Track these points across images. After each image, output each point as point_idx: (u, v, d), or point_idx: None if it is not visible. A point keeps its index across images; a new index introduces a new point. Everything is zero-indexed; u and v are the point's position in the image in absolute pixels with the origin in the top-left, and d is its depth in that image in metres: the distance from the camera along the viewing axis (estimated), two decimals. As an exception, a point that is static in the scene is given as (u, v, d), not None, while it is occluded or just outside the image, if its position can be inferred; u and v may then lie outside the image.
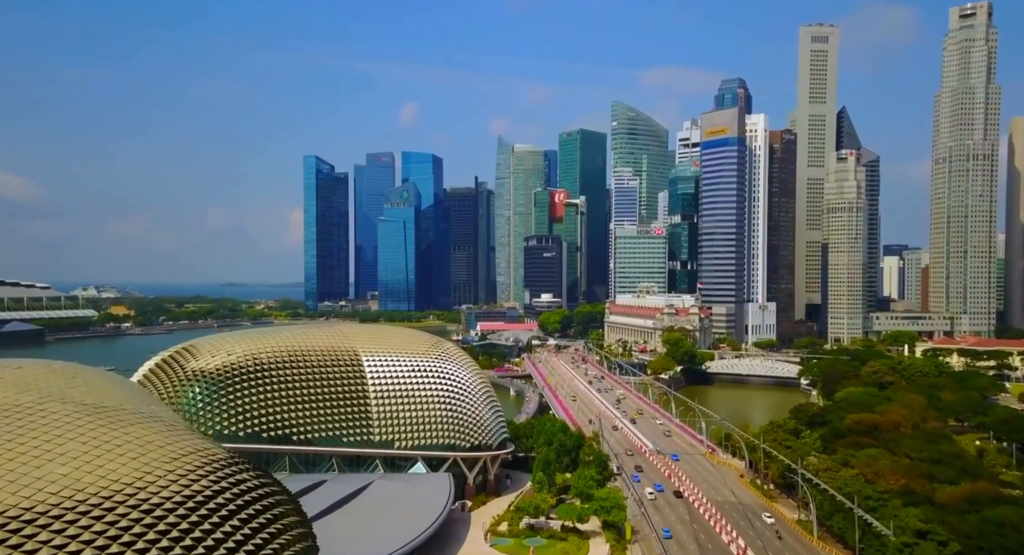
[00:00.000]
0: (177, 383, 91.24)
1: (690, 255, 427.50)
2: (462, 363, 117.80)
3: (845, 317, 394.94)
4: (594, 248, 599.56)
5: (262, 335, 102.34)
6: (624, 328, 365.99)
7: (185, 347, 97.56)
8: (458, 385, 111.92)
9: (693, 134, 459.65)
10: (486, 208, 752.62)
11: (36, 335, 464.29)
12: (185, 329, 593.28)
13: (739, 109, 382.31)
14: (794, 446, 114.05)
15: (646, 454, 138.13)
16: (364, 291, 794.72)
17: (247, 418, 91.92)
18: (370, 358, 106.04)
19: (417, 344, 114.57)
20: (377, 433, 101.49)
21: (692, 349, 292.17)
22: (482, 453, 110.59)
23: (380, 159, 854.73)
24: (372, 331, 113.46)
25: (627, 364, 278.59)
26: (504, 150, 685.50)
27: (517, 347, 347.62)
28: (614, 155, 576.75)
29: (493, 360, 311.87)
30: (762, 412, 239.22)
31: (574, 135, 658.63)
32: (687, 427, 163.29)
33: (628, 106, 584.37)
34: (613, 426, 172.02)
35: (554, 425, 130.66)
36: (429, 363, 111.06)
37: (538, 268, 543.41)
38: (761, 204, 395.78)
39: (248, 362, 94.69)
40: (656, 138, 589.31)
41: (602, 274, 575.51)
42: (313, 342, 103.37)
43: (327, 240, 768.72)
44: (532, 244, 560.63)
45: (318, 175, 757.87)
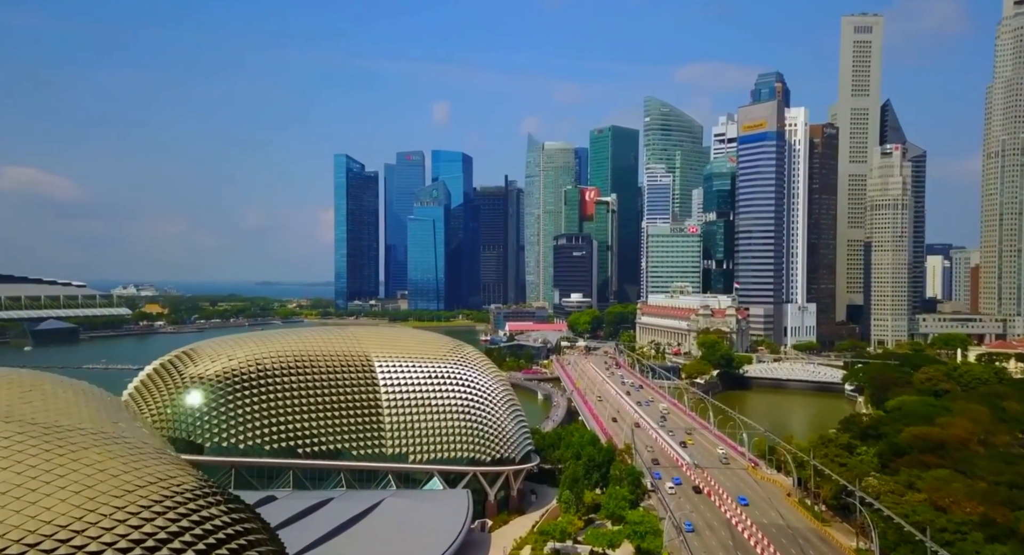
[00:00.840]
0: (174, 390, 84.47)
1: (726, 254, 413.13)
2: (483, 369, 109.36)
3: (889, 319, 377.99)
4: (625, 247, 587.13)
5: (268, 338, 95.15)
6: (657, 329, 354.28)
7: (185, 351, 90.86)
8: (479, 393, 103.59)
9: (729, 129, 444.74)
10: (516, 207, 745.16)
11: (70, 333, 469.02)
12: (217, 328, 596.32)
13: (778, 102, 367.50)
14: (849, 463, 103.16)
15: (683, 468, 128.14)
16: (394, 290, 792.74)
17: (248, 429, 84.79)
18: (383, 363, 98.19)
19: (434, 348, 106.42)
20: (390, 446, 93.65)
21: (729, 352, 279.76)
22: (504, 467, 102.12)
23: (410, 158, 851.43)
24: (386, 334, 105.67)
25: (660, 367, 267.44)
26: (534, 148, 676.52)
27: (545, 348, 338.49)
28: (647, 152, 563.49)
29: (521, 362, 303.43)
30: (804, 420, 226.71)
31: (605, 132, 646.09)
32: (726, 437, 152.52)
33: (661, 101, 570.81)
34: (635, 423, 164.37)
35: (583, 436, 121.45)
36: (447, 369, 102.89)
37: (568, 267, 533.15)
38: (801, 201, 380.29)
39: (250, 368, 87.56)
40: (690, 134, 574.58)
41: (633, 274, 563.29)
42: (322, 346, 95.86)
43: (357, 239, 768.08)
44: (562, 243, 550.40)
45: (348, 174, 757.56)
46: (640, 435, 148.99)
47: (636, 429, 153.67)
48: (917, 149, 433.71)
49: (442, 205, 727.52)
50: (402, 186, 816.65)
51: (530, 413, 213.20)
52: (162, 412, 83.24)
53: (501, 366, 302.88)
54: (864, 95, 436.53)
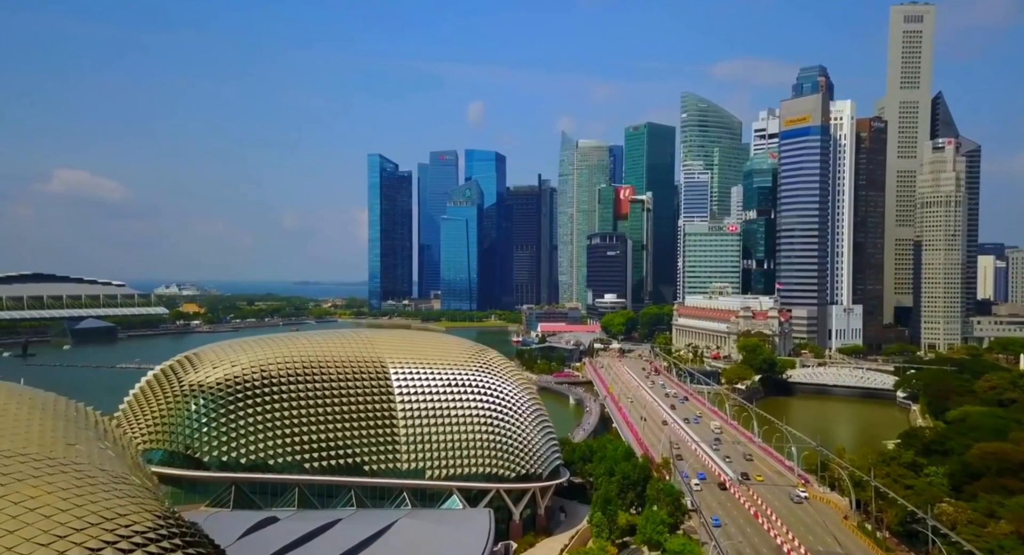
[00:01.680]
0: (171, 399, 78.19)
1: (767, 253, 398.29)
2: (508, 376, 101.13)
3: (941, 321, 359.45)
4: (661, 246, 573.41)
5: (276, 342, 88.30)
6: (694, 332, 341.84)
7: (188, 355, 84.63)
8: (503, 402, 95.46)
9: (770, 124, 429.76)
10: (549, 206, 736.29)
11: (109, 332, 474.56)
12: (252, 327, 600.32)
13: (822, 95, 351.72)
14: (916, 486, 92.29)
15: (725, 482, 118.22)
16: (427, 290, 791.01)
17: (251, 442, 78.08)
18: (399, 370, 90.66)
19: (455, 353, 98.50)
20: (405, 460, 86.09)
21: (771, 356, 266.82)
22: (531, 484, 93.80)
23: (443, 157, 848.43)
24: (403, 338, 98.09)
25: (698, 372, 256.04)
26: (568, 146, 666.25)
27: (578, 350, 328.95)
28: (683, 148, 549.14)
29: (552, 364, 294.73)
30: (854, 429, 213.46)
31: (641, 129, 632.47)
32: (771, 449, 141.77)
33: (699, 97, 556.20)
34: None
35: (617, 449, 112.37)
36: (468, 376, 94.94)
37: (602, 267, 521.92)
38: (846, 198, 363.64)
39: (254, 375, 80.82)
40: (728, 130, 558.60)
41: (669, 274, 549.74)
42: (333, 351, 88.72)
43: (391, 239, 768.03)
44: (596, 242, 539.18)
45: (382, 174, 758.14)
46: (687, 454, 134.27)
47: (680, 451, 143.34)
48: (971, 143, 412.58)
49: (475, 205, 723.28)
50: (435, 186, 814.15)
51: (561, 419, 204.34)
52: (158, 423, 77.03)
53: (532, 368, 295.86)
54: (914, 87, 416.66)
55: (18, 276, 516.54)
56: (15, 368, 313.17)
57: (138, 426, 77.99)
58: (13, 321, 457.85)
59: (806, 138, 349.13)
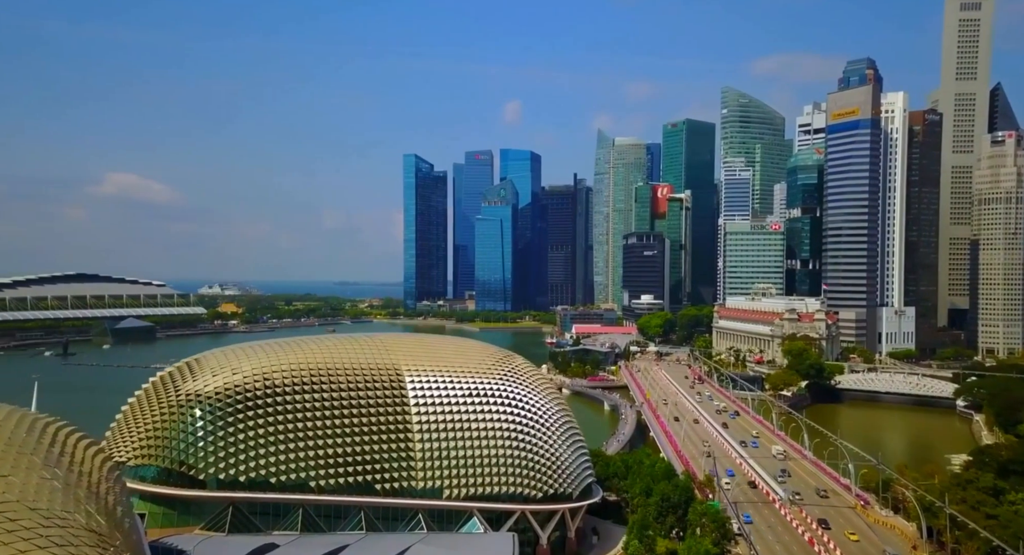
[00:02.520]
0: (166, 410, 71.89)
1: (812, 253, 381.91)
2: (535, 385, 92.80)
3: (1000, 324, 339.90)
4: (700, 246, 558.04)
5: (282, 348, 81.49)
6: (735, 335, 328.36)
7: (189, 362, 78.46)
8: (530, 414, 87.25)
9: (816, 119, 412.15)
10: (584, 206, 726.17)
11: (148, 331, 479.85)
12: (288, 327, 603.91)
13: (872, 87, 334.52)
14: (1001, 516, 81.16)
15: (774, 503, 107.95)
16: (462, 291, 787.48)
17: (251, 458, 71.33)
18: (415, 378, 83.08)
19: (477, 360, 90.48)
20: (421, 478, 78.50)
21: (819, 361, 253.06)
22: (560, 505, 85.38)
23: (479, 157, 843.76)
24: (421, 343, 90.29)
25: (740, 377, 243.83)
26: (604, 144, 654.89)
27: (613, 353, 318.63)
28: (724, 145, 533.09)
29: (587, 367, 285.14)
30: (910, 441, 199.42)
31: (679, 126, 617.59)
32: (823, 464, 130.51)
33: (740, 92, 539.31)
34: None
35: (655, 465, 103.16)
36: (492, 385, 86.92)
37: (638, 267, 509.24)
38: (898, 195, 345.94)
39: (256, 383, 74.12)
40: (771, 126, 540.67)
41: (708, 274, 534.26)
42: (344, 358, 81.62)
43: (426, 239, 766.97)
44: (632, 242, 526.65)
45: (418, 174, 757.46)
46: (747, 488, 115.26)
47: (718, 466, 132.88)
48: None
49: (510, 204, 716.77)
50: (470, 186, 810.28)
51: (594, 426, 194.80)
52: (152, 437, 70.77)
53: (566, 371, 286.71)
54: (971, 79, 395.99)
55: (63, 276, 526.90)
56: (55, 367, 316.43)
57: (130, 440, 71.98)
58: (57, 320, 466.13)
59: (855, 132, 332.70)
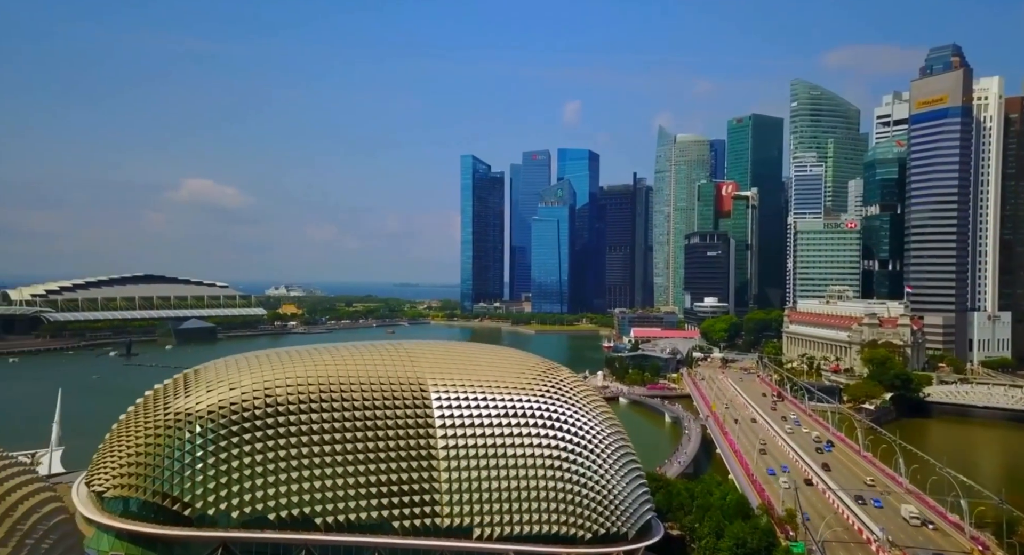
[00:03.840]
0: (151, 432, 62.36)
1: (892, 253, 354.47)
2: (584, 402, 79.92)
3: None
4: (767, 246, 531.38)
5: (291, 359, 71.14)
6: (808, 340, 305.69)
7: (187, 373, 69.09)
8: (578, 438, 74.57)
9: (896, 110, 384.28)
10: (644, 205, 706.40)
11: (209, 332, 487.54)
12: (346, 328, 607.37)
13: (963, 72, 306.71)
14: None
15: (869, 544, 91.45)
16: (518, 292, 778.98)
17: (246, 489, 61.02)
18: (443, 395, 71.57)
19: (516, 372, 78.17)
20: (447, 514, 66.91)
21: (904, 370, 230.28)
22: (613, 547, 72.42)
23: (536, 157, 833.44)
24: (452, 352, 77.80)
25: (815, 387, 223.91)
26: (665, 141, 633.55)
27: (675, 359, 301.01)
28: (794, 140, 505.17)
29: (646, 374, 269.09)
30: (1016, 463, 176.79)
31: (745, 121, 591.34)
32: (926, 497, 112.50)
33: (810, 84, 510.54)
34: (806, 480, 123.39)
35: (725, 496, 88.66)
36: (533, 402, 74.62)
37: (701, 268, 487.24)
38: (992, 189, 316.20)
39: (256, 401, 63.96)
40: (844, 119, 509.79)
41: (776, 276, 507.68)
42: (360, 371, 70.80)
43: (482, 241, 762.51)
44: (695, 242, 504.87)
45: (475, 175, 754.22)
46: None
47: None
48: None
49: (567, 205, 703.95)
50: (527, 186, 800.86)
51: (653, 441, 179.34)
52: (132, 464, 61.29)
53: (623, 378, 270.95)
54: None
55: (132, 277, 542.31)
56: (116, 367, 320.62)
57: (110, 467, 62.87)
58: (124, 321, 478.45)
59: (943, 121, 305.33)
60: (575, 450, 74.13)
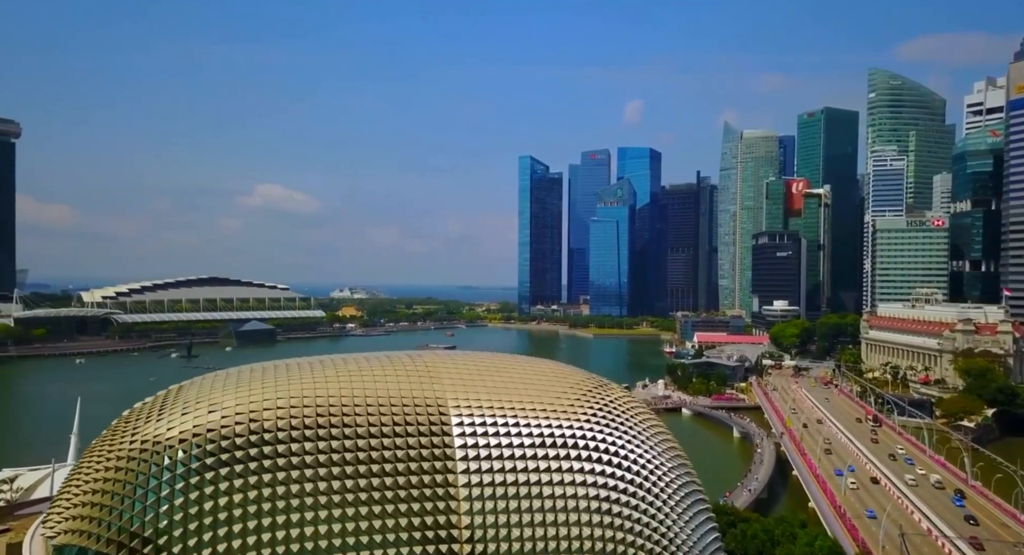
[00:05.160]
0: (112, 465, 52.31)
1: (985, 252, 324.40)
2: (640, 429, 66.28)
3: None
4: (840, 246, 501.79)
5: (288, 374, 59.97)
6: (891, 348, 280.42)
7: (165, 393, 59.22)
8: (632, 473, 61.17)
9: (989, 97, 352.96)
10: (708, 205, 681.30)
11: (269, 334, 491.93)
12: (404, 331, 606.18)
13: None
14: None
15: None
16: (576, 295, 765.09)
17: (222, 537, 50.25)
18: (467, 420, 59.34)
19: (557, 392, 65.17)
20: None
21: (1007, 383, 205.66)
22: (673, 609, 58.79)
23: (595, 157, 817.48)
24: (479, 367, 64.73)
25: (902, 400, 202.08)
26: (731, 138, 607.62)
27: (743, 367, 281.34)
28: (871, 133, 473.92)
29: (711, 383, 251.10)
30: None
31: (817, 115, 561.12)
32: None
33: (890, 73, 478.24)
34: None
35: (812, 541, 73.34)
36: (577, 429, 61.60)
37: (770, 270, 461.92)
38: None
39: (239, 427, 53.16)
40: (927, 110, 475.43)
41: (850, 277, 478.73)
42: (369, 389, 59.30)
43: (540, 243, 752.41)
44: (763, 242, 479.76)
45: (532, 176, 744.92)
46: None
47: None
48: None
49: (627, 205, 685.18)
50: (586, 187, 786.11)
51: (720, 460, 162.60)
52: (87, 503, 51.39)
53: (687, 388, 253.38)
54: None
55: (197, 280, 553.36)
56: (175, 369, 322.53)
57: (65, 506, 53.19)
58: (188, 322, 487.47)
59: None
60: (628, 489, 60.58)
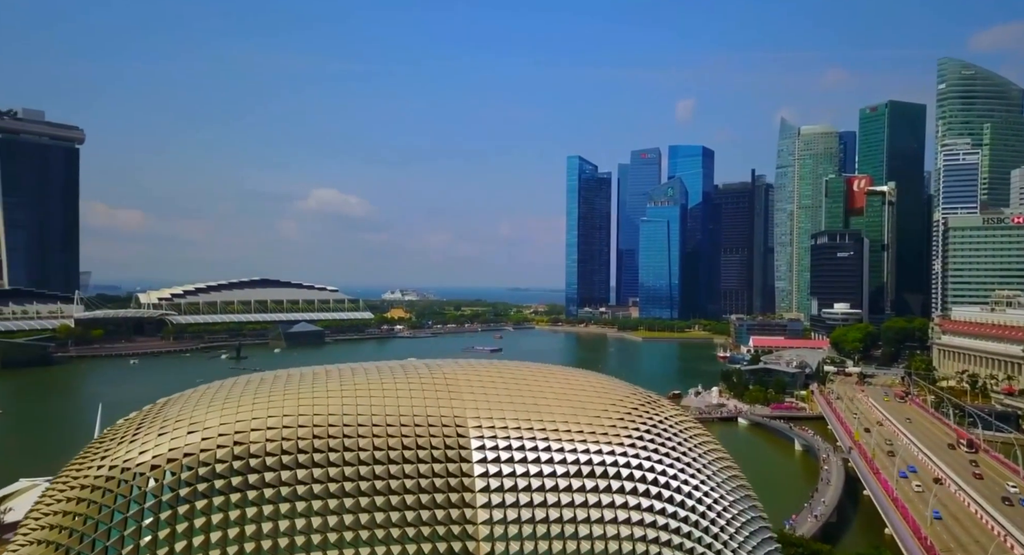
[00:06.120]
0: (76, 495, 45.37)
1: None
2: (695, 453, 56.52)
3: None
4: (905, 246, 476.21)
5: (282, 388, 51.94)
6: (968, 354, 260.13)
7: (148, 409, 52.28)
8: (687, 510, 51.74)
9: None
10: (763, 204, 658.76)
11: (317, 336, 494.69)
12: (451, 333, 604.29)
13: None
14: None
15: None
16: (626, 297, 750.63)
17: (198, 577, 43.03)
18: (488, 443, 50.72)
19: (598, 409, 55.83)
20: (487, 622, 46.23)
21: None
22: None
23: (645, 156, 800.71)
24: (506, 379, 54.82)
25: (983, 412, 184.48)
26: (788, 134, 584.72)
27: (803, 374, 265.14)
28: (941, 126, 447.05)
29: (769, 391, 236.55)
30: None
31: (880, 109, 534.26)
32: None
33: (962, 62, 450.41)
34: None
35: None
36: (618, 455, 52.38)
37: (830, 271, 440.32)
38: None
39: (221, 451, 45.55)
40: (1004, 100, 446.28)
41: (916, 278, 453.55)
42: (375, 405, 51.14)
43: (588, 244, 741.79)
44: (822, 242, 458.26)
45: (580, 176, 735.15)
46: None
47: None
48: None
49: (678, 204, 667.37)
50: (636, 186, 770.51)
51: (780, 478, 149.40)
52: (44, 541, 44.49)
53: (743, 396, 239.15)
54: None
55: (249, 281, 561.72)
56: (223, 370, 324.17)
57: (24, 543, 46.48)
58: (239, 324, 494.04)
59: None
60: (682, 528, 50.96)
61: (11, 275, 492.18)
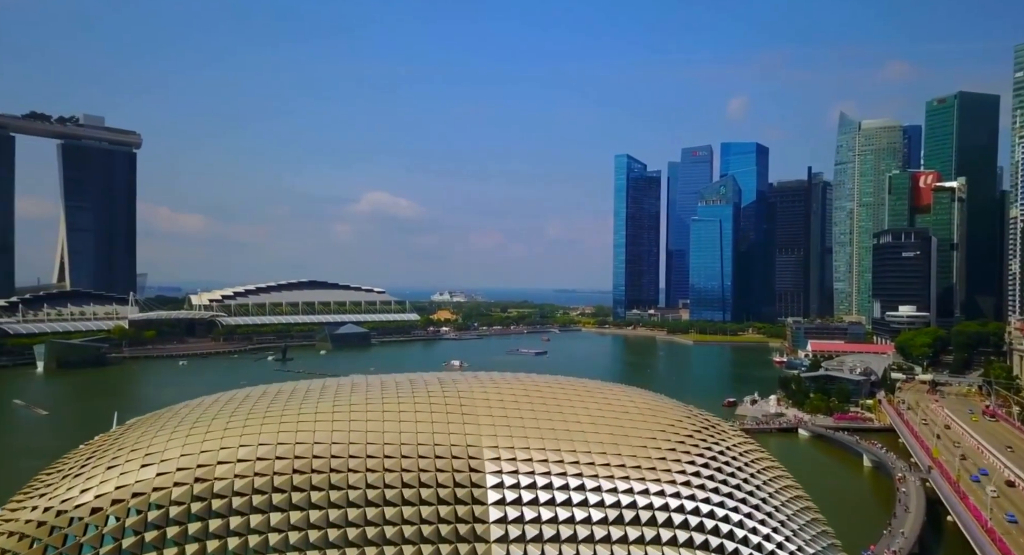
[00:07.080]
0: (3, 543, 37.63)
1: None
2: (766, 491, 46.04)
3: None
4: (977, 245, 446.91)
5: (261, 410, 42.81)
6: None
7: (109, 434, 44.32)
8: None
9: None
10: (821, 203, 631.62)
11: (363, 337, 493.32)
12: (497, 335, 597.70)
13: None
14: None
15: None
16: (675, 299, 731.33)
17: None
18: (508, 478, 41.21)
19: (643, 437, 45.44)
20: None
21: None
22: None
23: (696, 153, 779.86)
24: (532, 397, 45.28)
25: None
26: (848, 128, 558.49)
27: (868, 382, 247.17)
28: (1018, 117, 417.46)
29: (831, 400, 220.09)
30: None
31: (948, 101, 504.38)
32: None
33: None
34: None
35: None
36: (671, 494, 42.34)
37: (894, 272, 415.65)
38: None
39: (178, 489, 36.86)
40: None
41: (988, 280, 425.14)
42: (372, 429, 41.91)
43: (636, 244, 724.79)
44: (885, 241, 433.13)
45: (629, 175, 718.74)
46: None
47: None
48: None
49: (731, 203, 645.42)
50: (686, 185, 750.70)
51: (849, 498, 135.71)
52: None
53: (803, 405, 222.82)
54: None
55: (297, 283, 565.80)
56: (268, 372, 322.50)
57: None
58: (287, 325, 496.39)
59: None
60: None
61: (72, 277, 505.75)
